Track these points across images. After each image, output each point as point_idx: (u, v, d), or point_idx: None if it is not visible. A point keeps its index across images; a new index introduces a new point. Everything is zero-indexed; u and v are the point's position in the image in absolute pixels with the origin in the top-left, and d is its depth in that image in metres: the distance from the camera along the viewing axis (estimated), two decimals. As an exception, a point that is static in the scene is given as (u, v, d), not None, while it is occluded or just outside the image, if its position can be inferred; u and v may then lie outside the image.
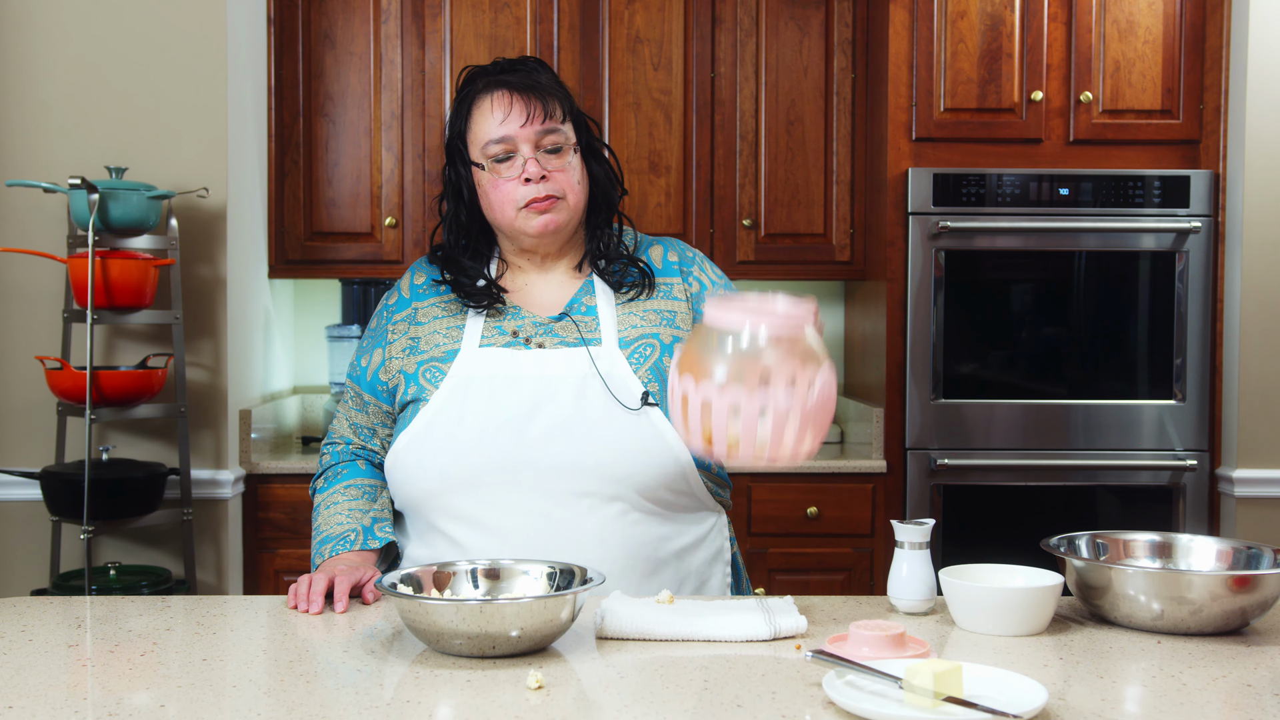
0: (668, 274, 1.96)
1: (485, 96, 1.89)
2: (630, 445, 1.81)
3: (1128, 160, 3.49)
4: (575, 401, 1.82)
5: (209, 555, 3.23)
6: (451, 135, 1.93)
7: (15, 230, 3.19)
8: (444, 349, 1.89)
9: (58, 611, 1.72)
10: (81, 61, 3.20)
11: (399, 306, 1.97)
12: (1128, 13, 3.47)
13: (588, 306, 1.92)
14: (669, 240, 2.03)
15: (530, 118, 1.85)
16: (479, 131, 1.88)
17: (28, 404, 3.20)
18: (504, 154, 1.86)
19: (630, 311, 1.92)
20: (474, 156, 1.89)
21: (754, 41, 3.72)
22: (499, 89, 1.88)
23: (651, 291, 1.94)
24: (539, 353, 1.86)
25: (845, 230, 3.74)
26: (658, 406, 1.84)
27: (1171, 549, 1.79)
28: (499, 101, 1.87)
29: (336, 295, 3.91)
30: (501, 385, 1.83)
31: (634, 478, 1.81)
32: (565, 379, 1.84)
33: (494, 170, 1.87)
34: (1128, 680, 1.43)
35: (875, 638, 1.45)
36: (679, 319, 1.93)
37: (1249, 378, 3.42)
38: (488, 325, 1.90)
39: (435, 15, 3.66)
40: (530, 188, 1.85)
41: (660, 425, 1.83)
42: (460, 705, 1.32)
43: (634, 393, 1.84)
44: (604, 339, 1.88)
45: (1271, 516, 3.41)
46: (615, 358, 1.86)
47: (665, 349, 1.89)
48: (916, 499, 3.44)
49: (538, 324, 1.90)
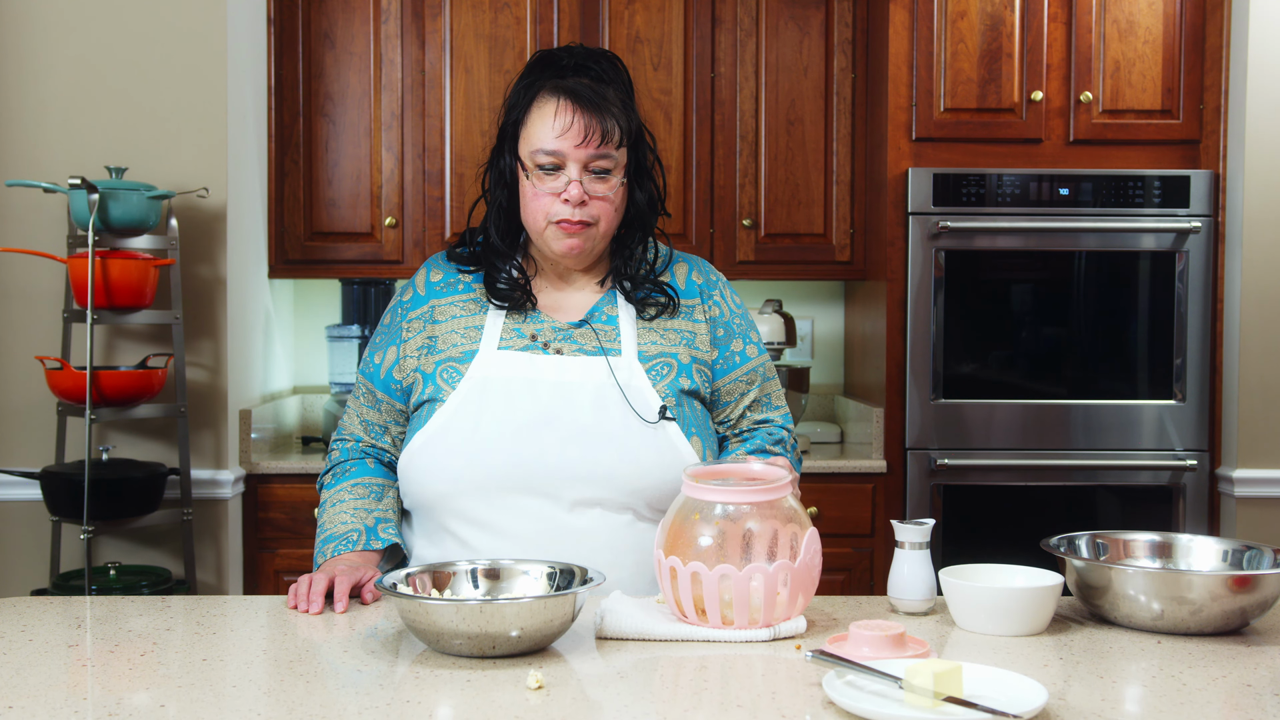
0: (690, 295, 1.95)
1: (550, 100, 1.83)
2: (645, 457, 1.81)
3: (1128, 160, 3.49)
4: (592, 410, 1.82)
5: (209, 555, 3.23)
6: (507, 120, 1.89)
7: (15, 230, 3.19)
8: (461, 349, 1.88)
9: (58, 611, 1.72)
10: (81, 61, 3.20)
11: (414, 303, 1.95)
12: (1128, 13, 3.47)
13: (609, 316, 1.91)
14: (695, 260, 2.01)
15: (587, 139, 1.81)
16: (533, 134, 1.84)
17: (28, 404, 3.20)
18: (551, 165, 1.83)
19: (650, 328, 1.91)
20: (522, 155, 1.86)
21: (754, 41, 3.72)
22: (565, 97, 1.82)
23: (675, 312, 1.93)
24: (557, 359, 1.86)
25: (845, 230, 3.74)
26: (674, 421, 1.84)
27: (1171, 549, 1.79)
28: (562, 112, 1.82)
29: (336, 295, 3.91)
30: (519, 389, 1.83)
31: (646, 490, 1.82)
32: (583, 387, 1.83)
33: (538, 178, 1.84)
34: (1128, 680, 1.43)
35: (875, 638, 1.45)
36: (698, 340, 1.93)
37: (1249, 378, 3.42)
38: (506, 327, 1.89)
39: (435, 15, 3.66)
40: (566, 208, 1.82)
41: (675, 439, 1.83)
42: (460, 705, 1.32)
43: (652, 406, 1.84)
44: (623, 350, 1.87)
45: (1271, 516, 3.41)
46: (634, 369, 1.86)
47: (683, 369, 1.89)
48: (916, 499, 3.44)
49: (557, 329, 1.89)
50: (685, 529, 1.58)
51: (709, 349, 1.93)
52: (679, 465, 1.81)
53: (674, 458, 1.82)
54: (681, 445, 1.83)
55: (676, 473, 1.79)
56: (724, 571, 1.53)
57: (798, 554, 1.56)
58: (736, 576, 1.53)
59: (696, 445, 1.86)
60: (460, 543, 1.83)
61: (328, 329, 3.83)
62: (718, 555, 1.55)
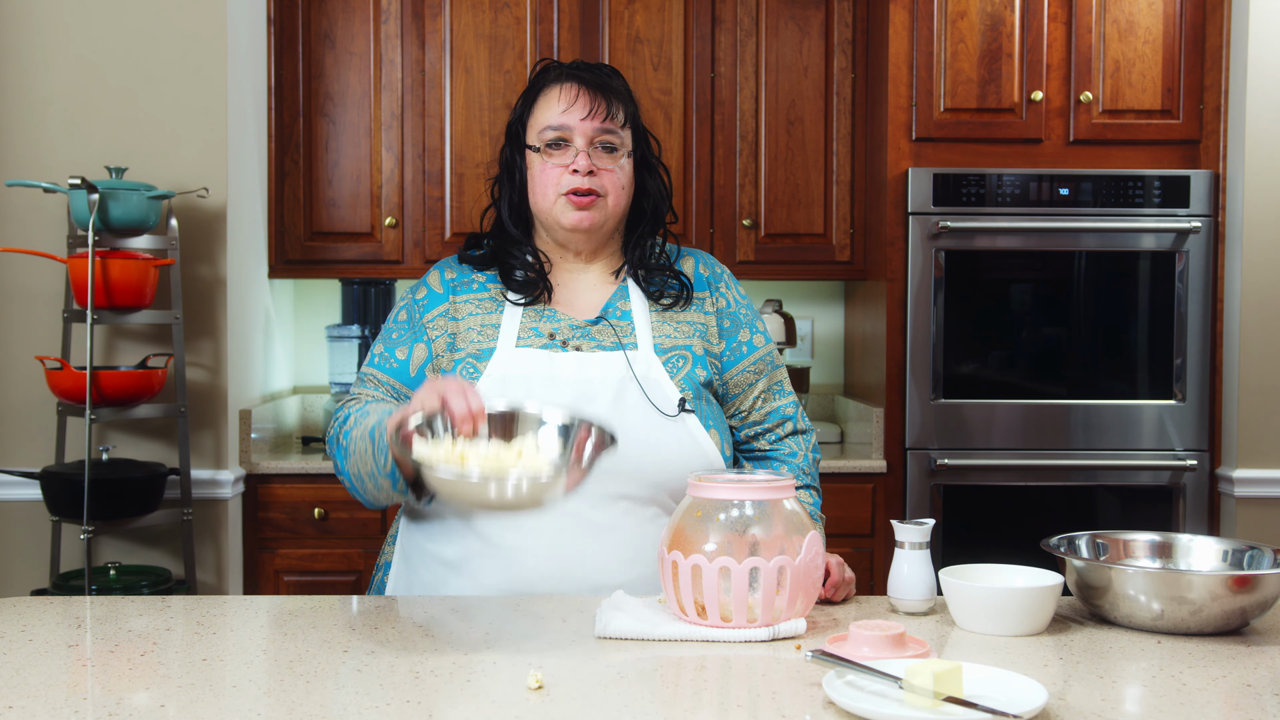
0: (699, 288, 1.99)
1: (554, 86, 1.92)
2: (667, 450, 1.83)
3: (1128, 160, 3.49)
4: (613, 405, 1.83)
5: (209, 555, 3.23)
6: (514, 119, 1.96)
7: (15, 230, 3.19)
8: (479, 346, 1.89)
9: (58, 611, 1.72)
10: (81, 61, 3.20)
11: (432, 302, 1.95)
12: (1128, 13, 3.47)
13: (623, 311, 1.93)
14: (701, 253, 2.05)
15: (592, 113, 1.88)
16: (540, 117, 1.91)
17: (28, 404, 3.20)
18: (558, 140, 1.89)
19: (664, 321, 1.94)
20: (530, 140, 1.92)
21: (754, 41, 3.72)
22: (569, 81, 1.91)
23: (687, 304, 1.96)
24: (576, 355, 1.88)
25: (845, 230, 3.74)
26: (694, 414, 1.85)
27: (1171, 549, 1.79)
28: (566, 92, 1.90)
29: (336, 295, 3.91)
30: (539, 387, 1.84)
31: (670, 482, 1.83)
32: (604, 382, 1.85)
33: (545, 154, 1.90)
34: (1128, 680, 1.43)
35: (875, 638, 1.45)
36: (709, 332, 1.96)
37: (1249, 378, 3.42)
38: (524, 326, 1.90)
39: (435, 15, 3.66)
40: (575, 178, 1.87)
41: (696, 431, 1.85)
42: (460, 705, 1.32)
43: (670, 399, 1.86)
44: (640, 344, 1.90)
45: (1271, 516, 3.41)
46: (652, 362, 1.88)
47: (698, 360, 1.91)
48: (916, 499, 3.44)
49: (574, 326, 1.91)
50: (688, 526, 1.59)
51: (717, 340, 1.96)
52: (700, 457, 1.84)
53: (695, 449, 1.84)
54: (701, 437, 1.85)
55: (699, 464, 1.82)
56: (724, 564, 1.54)
57: (798, 553, 1.57)
58: (736, 570, 1.53)
59: (715, 438, 1.88)
60: (483, 540, 1.83)
61: (328, 329, 3.83)
62: (719, 550, 1.56)
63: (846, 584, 1.80)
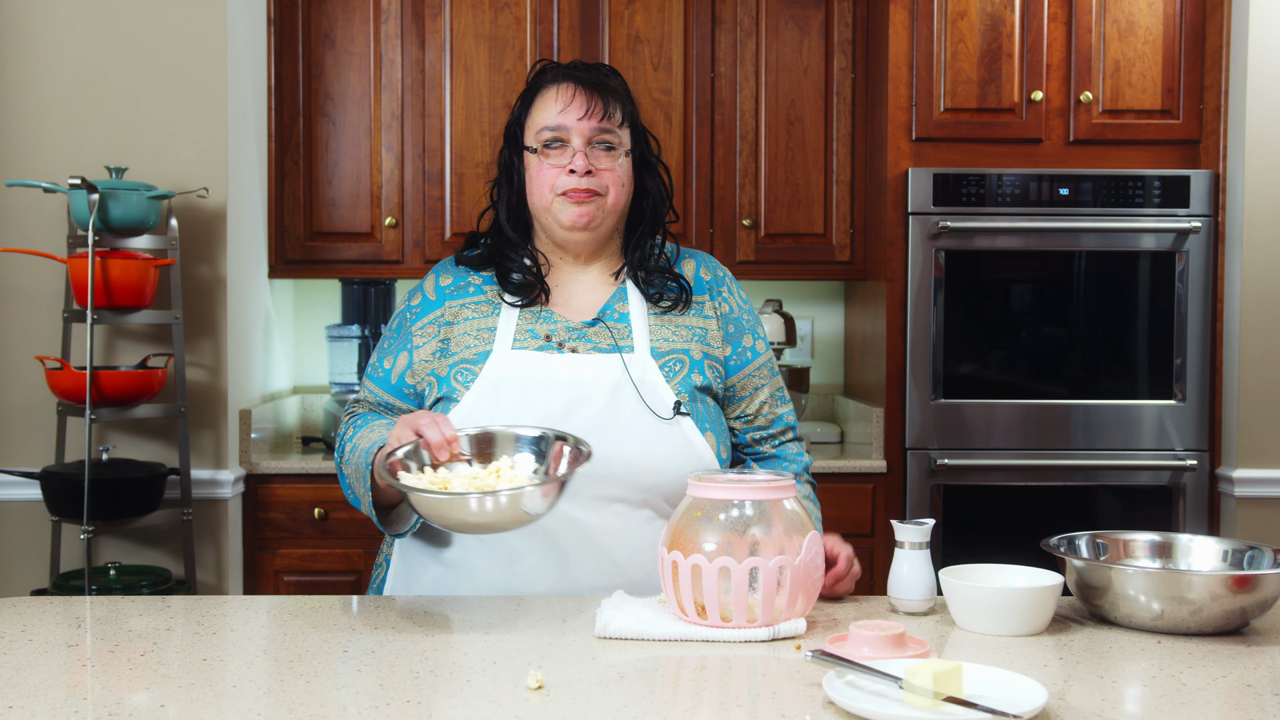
0: (699, 291, 1.98)
1: (551, 87, 1.92)
2: (661, 453, 1.83)
3: (1128, 160, 3.49)
4: (608, 407, 1.83)
5: (209, 555, 3.23)
6: (511, 121, 1.96)
7: (15, 230, 3.19)
8: (475, 350, 1.89)
9: (58, 611, 1.72)
10: (81, 61, 3.20)
11: (425, 308, 1.95)
12: (1128, 13, 3.47)
13: (620, 313, 1.92)
14: (702, 255, 2.04)
15: (589, 113, 1.88)
16: (537, 117, 1.91)
17: (28, 404, 3.20)
18: (555, 140, 1.89)
19: (662, 324, 1.93)
20: (527, 141, 1.92)
21: (754, 41, 3.72)
22: (566, 81, 1.91)
23: (686, 307, 1.95)
24: (572, 357, 1.87)
25: (845, 230, 3.74)
26: (689, 417, 1.85)
27: (1171, 549, 1.79)
28: (563, 92, 1.90)
29: (336, 295, 3.91)
30: (535, 389, 1.84)
31: (664, 485, 1.83)
32: (599, 384, 1.84)
33: (543, 154, 1.90)
34: (1128, 680, 1.43)
35: (875, 638, 1.45)
36: (709, 336, 1.94)
37: (1249, 378, 3.42)
38: (520, 328, 1.90)
39: (435, 15, 3.66)
40: (572, 178, 1.87)
41: (691, 435, 1.85)
42: (460, 705, 1.32)
43: (666, 401, 1.85)
44: (636, 346, 1.89)
45: (1271, 516, 3.41)
46: (648, 365, 1.87)
47: (695, 365, 1.91)
48: (916, 499, 3.44)
49: (570, 328, 1.90)
50: (688, 526, 1.59)
51: (721, 345, 1.95)
52: (695, 460, 1.84)
53: (690, 453, 1.84)
54: (697, 440, 1.85)
55: (692, 468, 1.81)
56: (724, 564, 1.54)
57: (798, 553, 1.57)
58: (736, 570, 1.53)
59: (711, 441, 1.87)
60: (478, 540, 1.83)
61: (328, 329, 3.83)
62: (719, 550, 1.56)
63: (850, 578, 1.79)
